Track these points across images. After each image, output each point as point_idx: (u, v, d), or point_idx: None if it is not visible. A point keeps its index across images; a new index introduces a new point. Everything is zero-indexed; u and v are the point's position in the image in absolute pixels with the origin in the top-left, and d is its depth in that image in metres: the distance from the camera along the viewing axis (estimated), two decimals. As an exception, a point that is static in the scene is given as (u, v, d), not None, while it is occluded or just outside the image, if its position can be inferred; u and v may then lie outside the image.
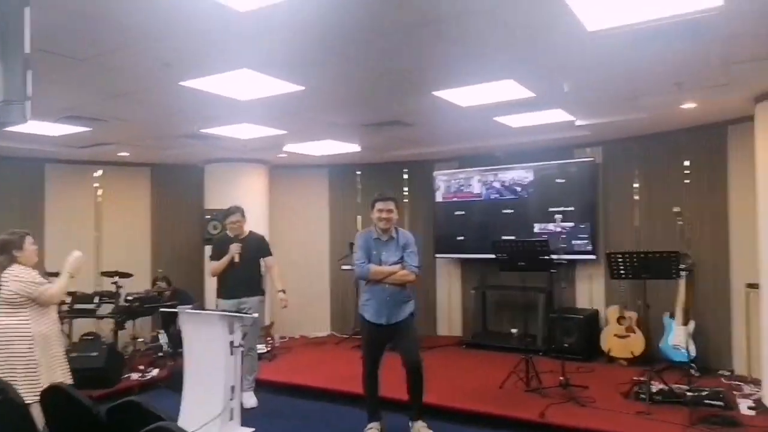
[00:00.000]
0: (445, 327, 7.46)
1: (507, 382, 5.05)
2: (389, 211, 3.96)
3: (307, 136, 5.76)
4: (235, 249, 4.92)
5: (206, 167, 7.35)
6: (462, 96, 4.15)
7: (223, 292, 5.05)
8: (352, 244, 6.82)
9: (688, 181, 5.76)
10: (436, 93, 4.03)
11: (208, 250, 7.11)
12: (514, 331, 6.73)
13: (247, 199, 7.14)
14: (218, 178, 7.26)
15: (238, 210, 5.08)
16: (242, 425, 4.46)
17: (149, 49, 3.01)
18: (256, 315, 4.66)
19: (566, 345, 5.87)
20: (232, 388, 4.36)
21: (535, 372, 5.06)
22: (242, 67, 3.25)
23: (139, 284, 6.79)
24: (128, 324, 6.31)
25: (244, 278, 4.97)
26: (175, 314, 4.89)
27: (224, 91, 3.79)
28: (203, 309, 5.44)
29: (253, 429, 4.46)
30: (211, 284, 6.95)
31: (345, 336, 7.51)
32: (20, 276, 3.49)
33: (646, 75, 3.73)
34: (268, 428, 4.52)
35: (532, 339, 6.09)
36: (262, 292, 5.24)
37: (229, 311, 4.60)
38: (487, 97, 4.14)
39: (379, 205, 3.98)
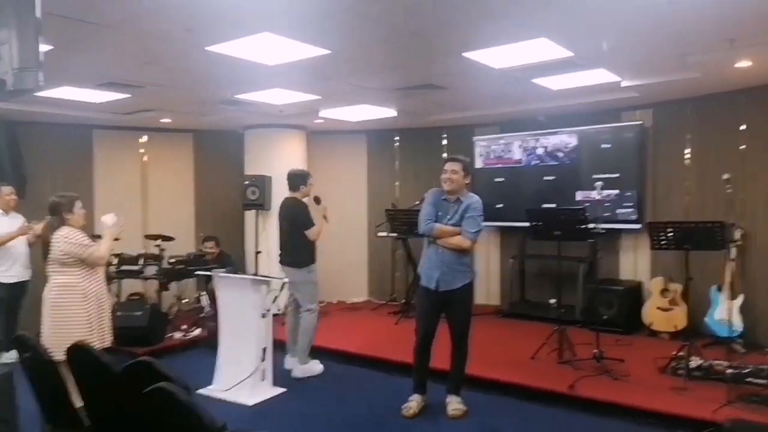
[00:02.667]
0: (483, 296, 7.36)
1: (539, 353, 4.97)
2: (453, 171, 3.85)
3: (341, 101, 5.70)
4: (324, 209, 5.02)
5: (245, 133, 7.43)
6: (494, 57, 3.97)
7: (315, 257, 4.99)
8: (388, 211, 6.89)
9: (743, 146, 5.36)
10: (466, 54, 3.88)
11: (248, 215, 7.29)
12: (552, 301, 6.56)
13: (286, 165, 7.16)
14: (257, 144, 7.33)
15: None
16: (276, 386, 4.61)
17: (170, 15, 3.01)
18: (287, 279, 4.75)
19: (605, 317, 5.70)
20: (264, 350, 4.49)
21: (569, 343, 4.95)
22: (263, 31, 3.21)
23: (183, 247, 7.05)
24: (174, 285, 6.59)
25: None
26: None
27: (250, 56, 3.77)
28: (242, 273, 5.60)
29: (285, 390, 4.61)
30: (251, 247, 7.15)
31: (382, 302, 7.58)
32: (69, 237, 3.64)
33: (692, 30, 3.43)
34: (301, 390, 4.64)
35: (569, 310, 5.96)
36: None
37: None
38: (521, 57, 3.95)
39: (445, 166, 3.92)
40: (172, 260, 6.33)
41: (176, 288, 6.70)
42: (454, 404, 4.01)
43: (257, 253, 7.05)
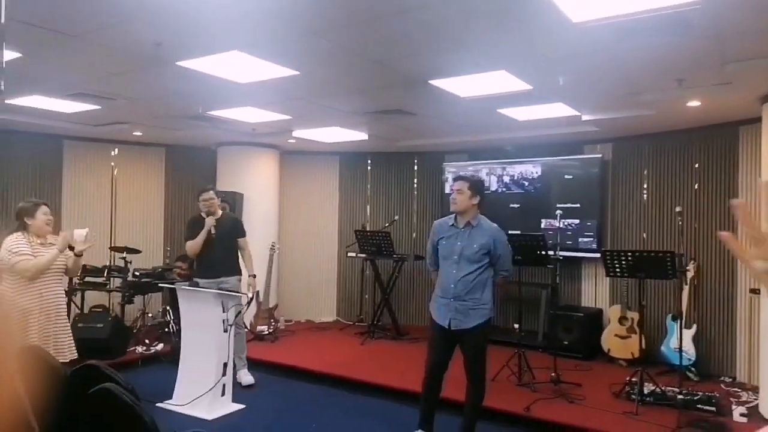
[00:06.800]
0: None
1: (499, 375, 5.05)
2: (458, 190, 3.57)
3: (313, 122, 5.80)
4: (210, 222, 4.89)
5: (219, 150, 7.47)
6: (459, 86, 4.12)
7: (201, 272, 5.00)
8: (357, 232, 6.97)
9: (697, 184, 5.62)
10: (432, 82, 4.02)
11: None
12: (516, 326, 6.68)
13: (258, 183, 7.28)
14: (230, 162, 7.37)
15: (213, 188, 5.14)
16: (235, 402, 4.60)
17: (139, 28, 3.07)
18: (250, 294, 4.75)
19: (566, 342, 5.82)
20: (224, 365, 4.49)
21: (528, 367, 5.04)
22: (232, 49, 3.30)
23: (150, 261, 7.01)
24: (139, 298, 6.51)
25: (221, 257, 4.94)
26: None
27: (221, 73, 3.84)
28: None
29: (244, 406, 4.58)
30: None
31: (350, 323, 7.59)
32: (7, 243, 3.40)
33: (641, 70, 3.63)
34: (261, 406, 4.62)
35: (531, 334, 6.06)
36: (239, 272, 5.12)
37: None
38: (484, 88, 4.10)
39: (452, 185, 3.67)
40: (137, 273, 6.28)
41: (142, 302, 6.63)
42: None
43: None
